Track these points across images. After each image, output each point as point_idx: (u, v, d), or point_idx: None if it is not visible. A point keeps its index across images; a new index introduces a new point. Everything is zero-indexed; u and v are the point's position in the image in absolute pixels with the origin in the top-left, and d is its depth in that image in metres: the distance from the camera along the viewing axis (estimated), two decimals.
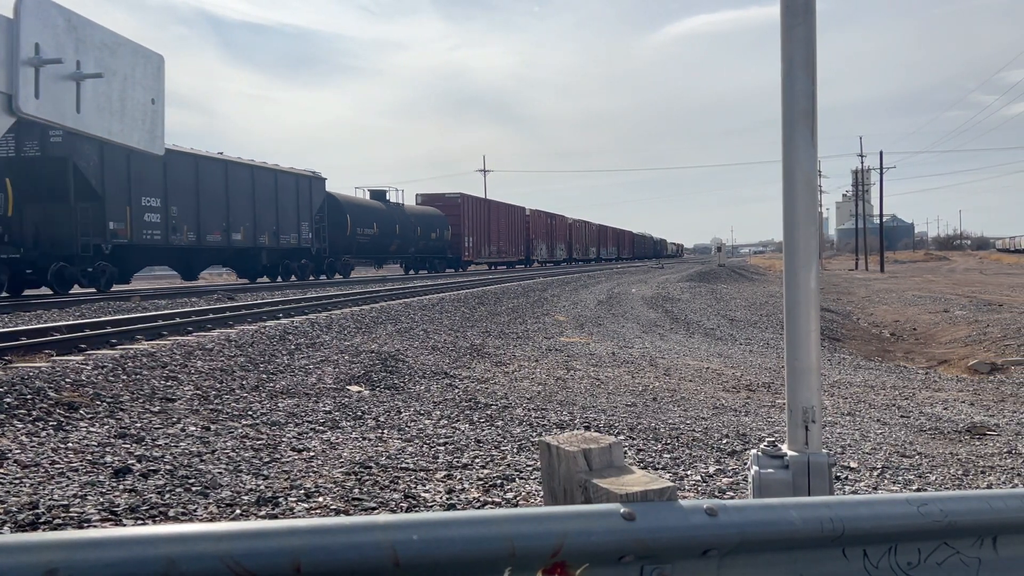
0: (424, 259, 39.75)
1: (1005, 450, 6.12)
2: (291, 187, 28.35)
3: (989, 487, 5.10)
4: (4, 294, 18.19)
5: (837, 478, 5.00)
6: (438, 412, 6.70)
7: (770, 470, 2.71)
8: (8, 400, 6.02)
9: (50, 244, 18.70)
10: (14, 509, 3.85)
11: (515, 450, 5.44)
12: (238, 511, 4.01)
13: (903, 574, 1.97)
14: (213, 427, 5.79)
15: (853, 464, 5.46)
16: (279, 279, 28.20)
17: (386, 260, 38.51)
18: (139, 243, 21.04)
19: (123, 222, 20.38)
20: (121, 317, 12.20)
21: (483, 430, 6.05)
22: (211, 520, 3.87)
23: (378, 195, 36.90)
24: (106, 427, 5.62)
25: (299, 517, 3.93)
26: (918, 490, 4.90)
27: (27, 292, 19.32)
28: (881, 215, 64.76)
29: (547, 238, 56.53)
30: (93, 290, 19.75)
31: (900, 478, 5.17)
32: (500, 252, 47.63)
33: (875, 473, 5.26)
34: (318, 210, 30.10)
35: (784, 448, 2.78)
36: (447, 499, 4.31)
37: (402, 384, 8.04)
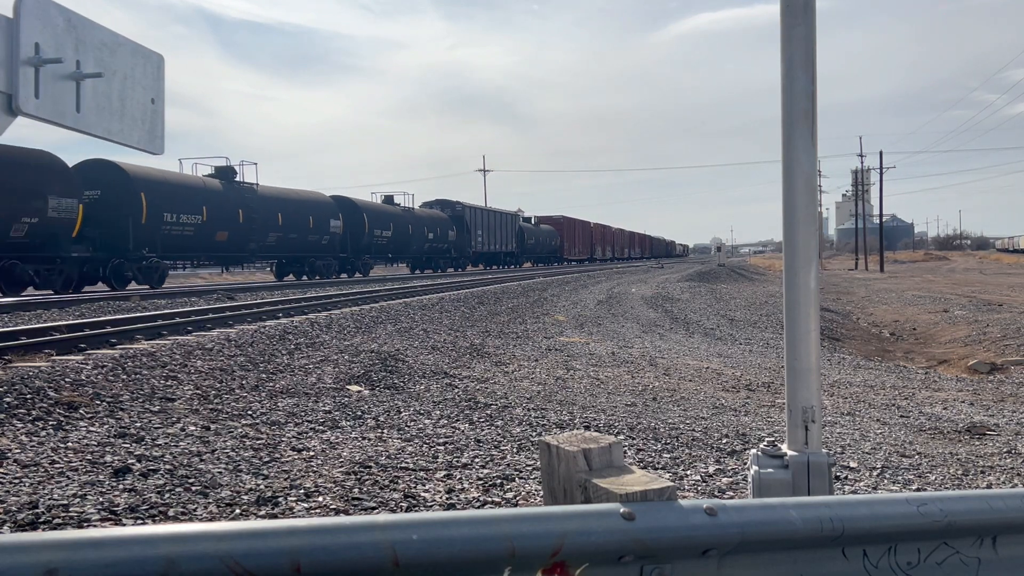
0: (545, 258, 63.14)
1: (1005, 450, 6.12)
2: (510, 219, 54.72)
3: (989, 487, 5.10)
4: (450, 269, 44.19)
5: (837, 478, 5.00)
6: (438, 412, 6.70)
7: (770, 470, 2.71)
8: (8, 400, 6.02)
9: (457, 252, 45.24)
10: (14, 509, 3.85)
11: (515, 450, 5.44)
12: (238, 511, 4.01)
13: (903, 574, 1.97)
14: (213, 427, 5.79)
15: (853, 464, 5.46)
16: (496, 268, 51.76)
17: (530, 259, 60.60)
18: (477, 251, 48.28)
19: (475, 242, 47.84)
20: (121, 317, 12.20)
21: (483, 430, 6.05)
22: (211, 520, 3.87)
23: (527, 220, 61.47)
24: (106, 427, 5.62)
25: (299, 517, 3.93)
26: (918, 490, 4.90)
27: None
28: (881, 215, 64.80)
29: (601, 242, 78.69)
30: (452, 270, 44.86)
31: (900, 478, 5.17)
32: (579, 252, 69.77)
33: (875, 473, 5.26)
34: (516, 231, 55.46)
35: (784, 448, 2.78)
36: (447, 499, 4.31)
37: (402, 384, 8.04)
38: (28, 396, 6.15)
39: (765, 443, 2.80)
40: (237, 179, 27.39)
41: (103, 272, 21.53)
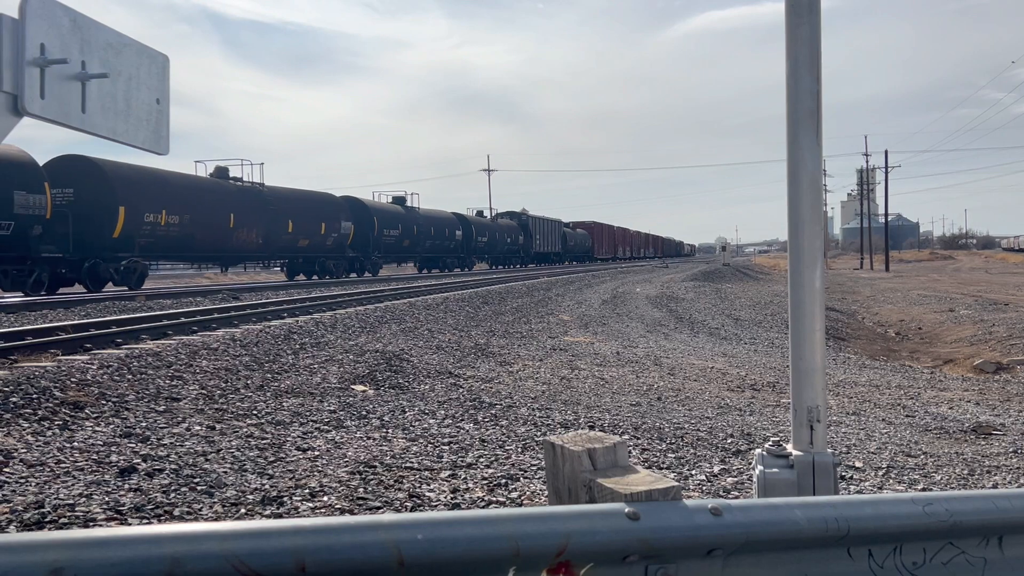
0: (580, 257, 71.98)
1: (1011, 449, 6.10)
2: (558, 226, 63.58)
3: (995, 487, 5.09)
4: (517, 265, 54.91)
5: (842, 478, 4.99)
6: (443, 411, 6.70)
7: (775, 470, 2.71)
8: (14, 399, 6.04)
9: (524, 252, 56.24)
10: (20, 508, 3.86)
11: (519, 449, 5.44)
12: (243, 510, 4.02)
13: (908, 574, 1.96)
14: (218, 426, 5.80)
15: (858, 464, 5.45)
16: (543, 265, 57.74)
17: (570, 258, 68.10)
18: (536, 251, 57.76)
19: (534, 244, 58.01)
20: (126, 317, 12.24)
21: (487, 429, 6.06)
22: (216, 519, 3.87)
23: (568, 225, 69.60)
24: (111, 426, 5.63)
25: (304, 516, 3.94)
26: (923, 490, 4.89)
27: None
28: (886, 214, 64.70)
29: (623, 243, 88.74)
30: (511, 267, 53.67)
31: (905, 478, 5.16)
32: (605, 252, 79.91)
33: (880, 473, 5.24)
34: (561, 235, 63.83)
35: (789, 448, 2.78)
36: (451, 499, 4.31)
37: (407, 383, 8.04)
38: (34, 396, 6.17)
39: (770, 443, 2.79)
40: (408, 204, 40.48)
41: (357, 267, 34.84)
